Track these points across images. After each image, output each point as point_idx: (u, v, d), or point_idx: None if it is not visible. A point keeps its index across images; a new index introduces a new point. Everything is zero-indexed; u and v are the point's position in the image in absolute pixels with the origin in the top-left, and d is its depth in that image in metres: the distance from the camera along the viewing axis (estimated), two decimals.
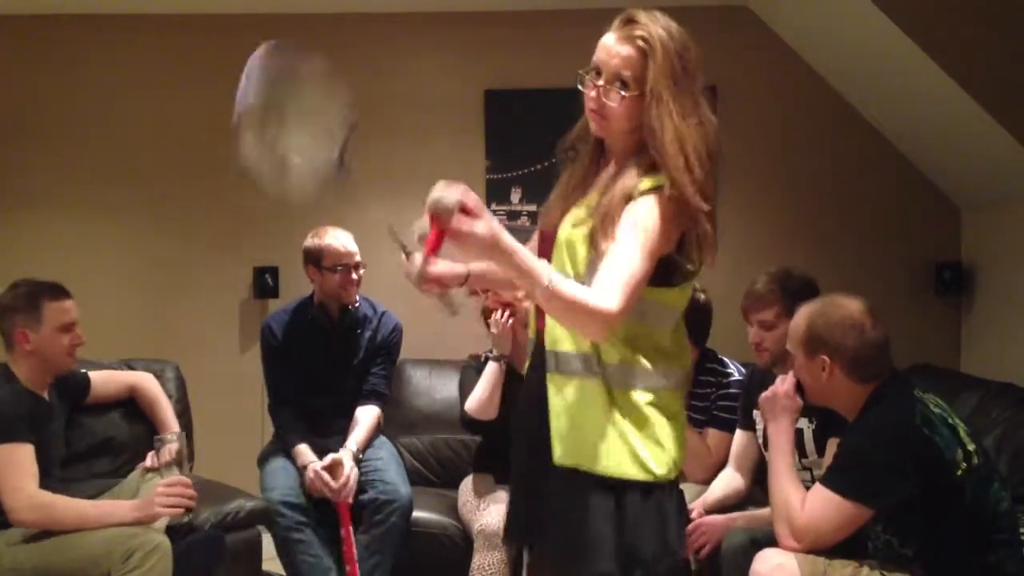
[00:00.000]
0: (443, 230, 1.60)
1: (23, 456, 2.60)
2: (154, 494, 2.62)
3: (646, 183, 1.77)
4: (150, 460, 2.96)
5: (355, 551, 3.16)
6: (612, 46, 1.81)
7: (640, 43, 1.78)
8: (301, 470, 3.25)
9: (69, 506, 2.61)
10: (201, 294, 4.38)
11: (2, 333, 2.81)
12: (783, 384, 2.38)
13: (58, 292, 2.82)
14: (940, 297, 4.34)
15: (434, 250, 1.65)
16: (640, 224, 1.74)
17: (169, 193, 4.39)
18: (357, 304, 3.49)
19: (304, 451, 3.29)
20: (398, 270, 1.78)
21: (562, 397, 1.85)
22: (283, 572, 3.28)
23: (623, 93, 1.79)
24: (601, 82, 1.81)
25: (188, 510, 2.65)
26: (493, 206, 4.36)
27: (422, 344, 4.11)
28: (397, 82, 4.39)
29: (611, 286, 1.69)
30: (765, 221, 4.42)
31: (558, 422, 1.85)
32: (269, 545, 3.24)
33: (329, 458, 3.23)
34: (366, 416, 3.42)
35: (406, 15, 4.37)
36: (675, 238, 1.78)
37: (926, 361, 3.96)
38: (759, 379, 2.93)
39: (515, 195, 4.37)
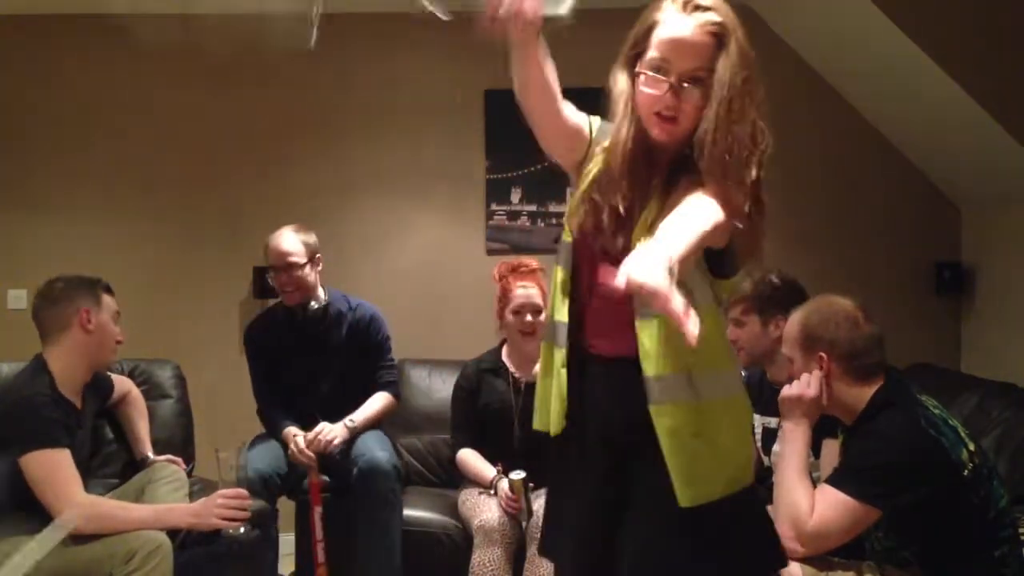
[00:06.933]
0: None
1: (66, 461, 2.55)
2: (213, 503, 2.61)
3: None
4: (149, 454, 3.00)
5: (320, 531, 3.18)
6: (687, 37, 1.59)
7: (715, 30, 1.60)
8: (288, 446, 3.30)
9: (123, 512, 2.59)
10: (201, 294, 4.38)
11: (57, 318, 2.71)
12: (811, 389, 2.28)
13: (107, 285, 2.83)
14: (940, 297, 4.34)
15: None
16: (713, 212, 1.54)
17: (170, 193, 4.39)
18: (324, 302, 3.46)
19: (291, 429, 3.34)
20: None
21: (677, 429, 1.63)
22: (284, 573, 3.28)
23: (698, 91, 1.59)
24: (673, 80, 1.59)
25: (242, 522, 2.64)
26: (493, 206, 4.37)
27: (422, 344, 4.11)
28: (397, 82, 4.39)
29: None
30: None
31: (679, 461, 1.63)
32: None
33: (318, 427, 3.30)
34: (375, 399, 3.47)
35: (406, 15, 4.34)
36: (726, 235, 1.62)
37: (926, 361, 3.96)
38: (757, 382, 2.93)
39: (515, 195, 4.36)
